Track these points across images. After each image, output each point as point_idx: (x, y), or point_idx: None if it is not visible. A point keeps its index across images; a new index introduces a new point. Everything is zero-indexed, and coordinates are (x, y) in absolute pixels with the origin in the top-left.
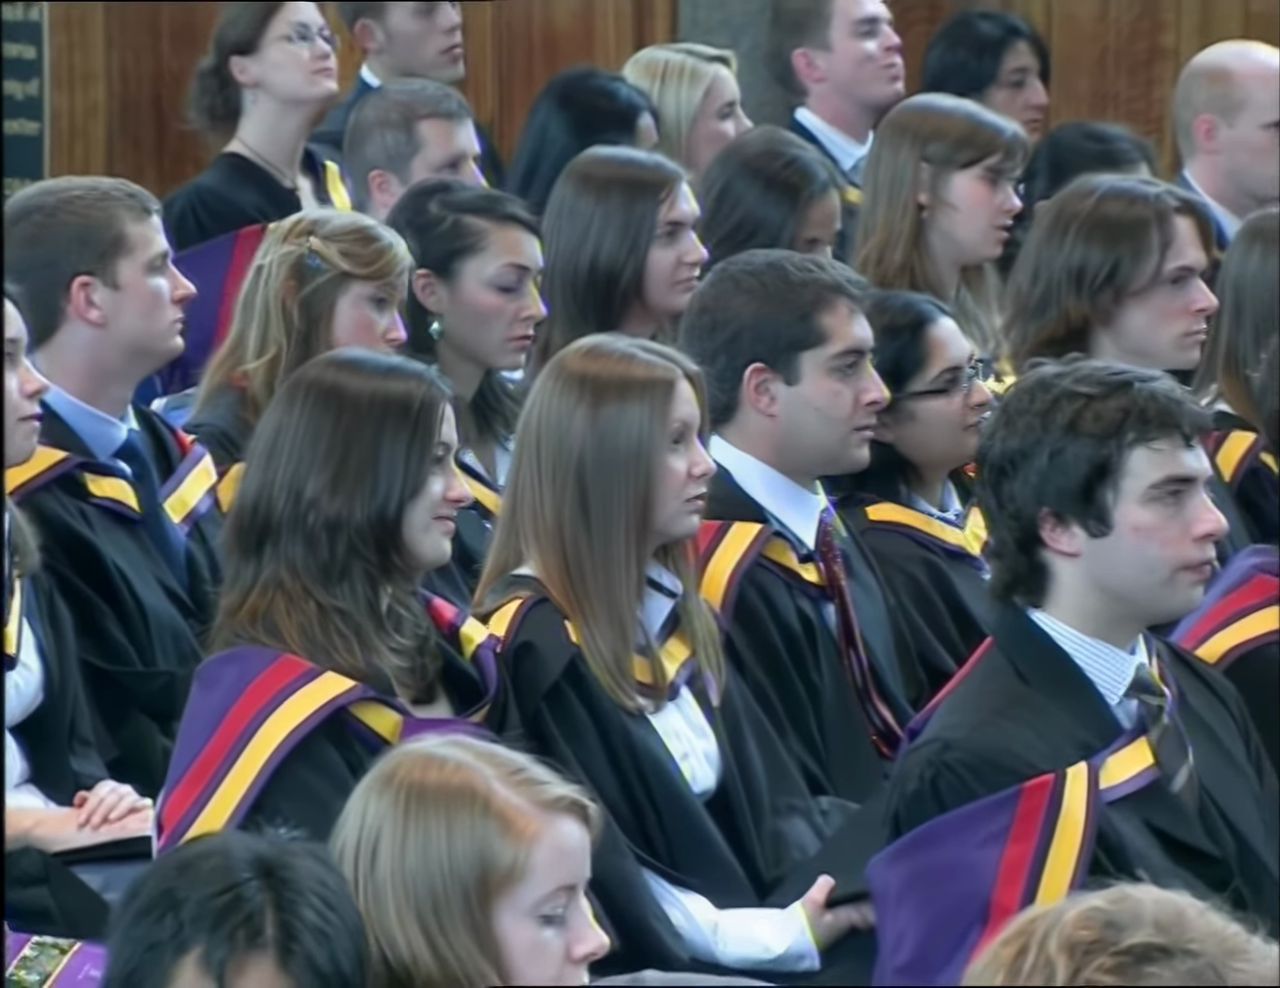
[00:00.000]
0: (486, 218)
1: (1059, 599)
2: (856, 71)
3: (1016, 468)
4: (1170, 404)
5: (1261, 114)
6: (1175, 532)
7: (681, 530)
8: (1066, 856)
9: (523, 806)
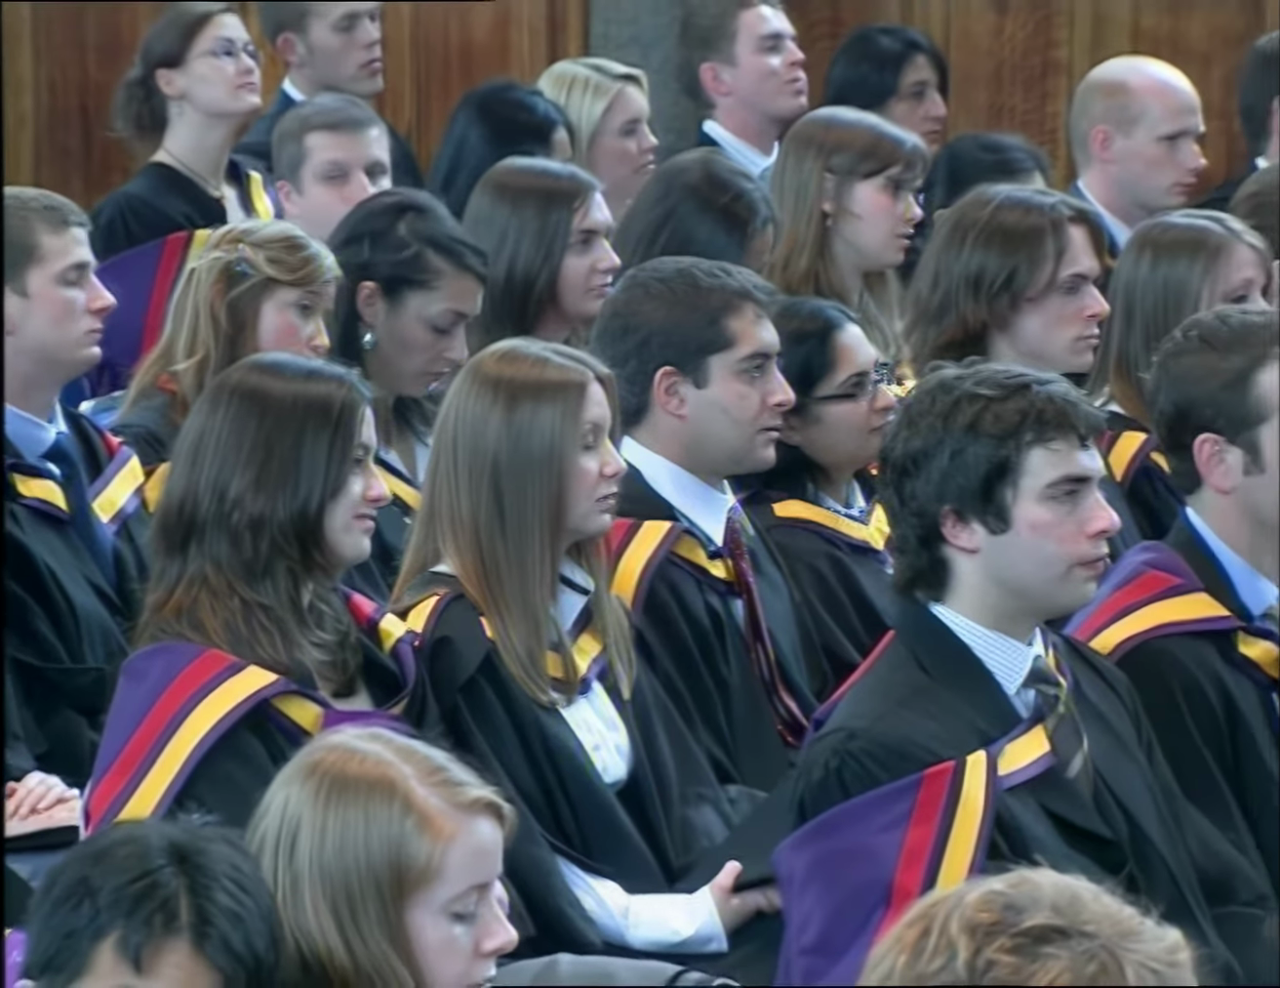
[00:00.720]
0: (448, 260)
1: (959, 593)
2: (761, 85)
3: (919, 467)
4: (1066, 406)
5: (1156, 126)
6: (1071, 529)
7: (593, 529)
8: (966, 840)
9: (440, 806)
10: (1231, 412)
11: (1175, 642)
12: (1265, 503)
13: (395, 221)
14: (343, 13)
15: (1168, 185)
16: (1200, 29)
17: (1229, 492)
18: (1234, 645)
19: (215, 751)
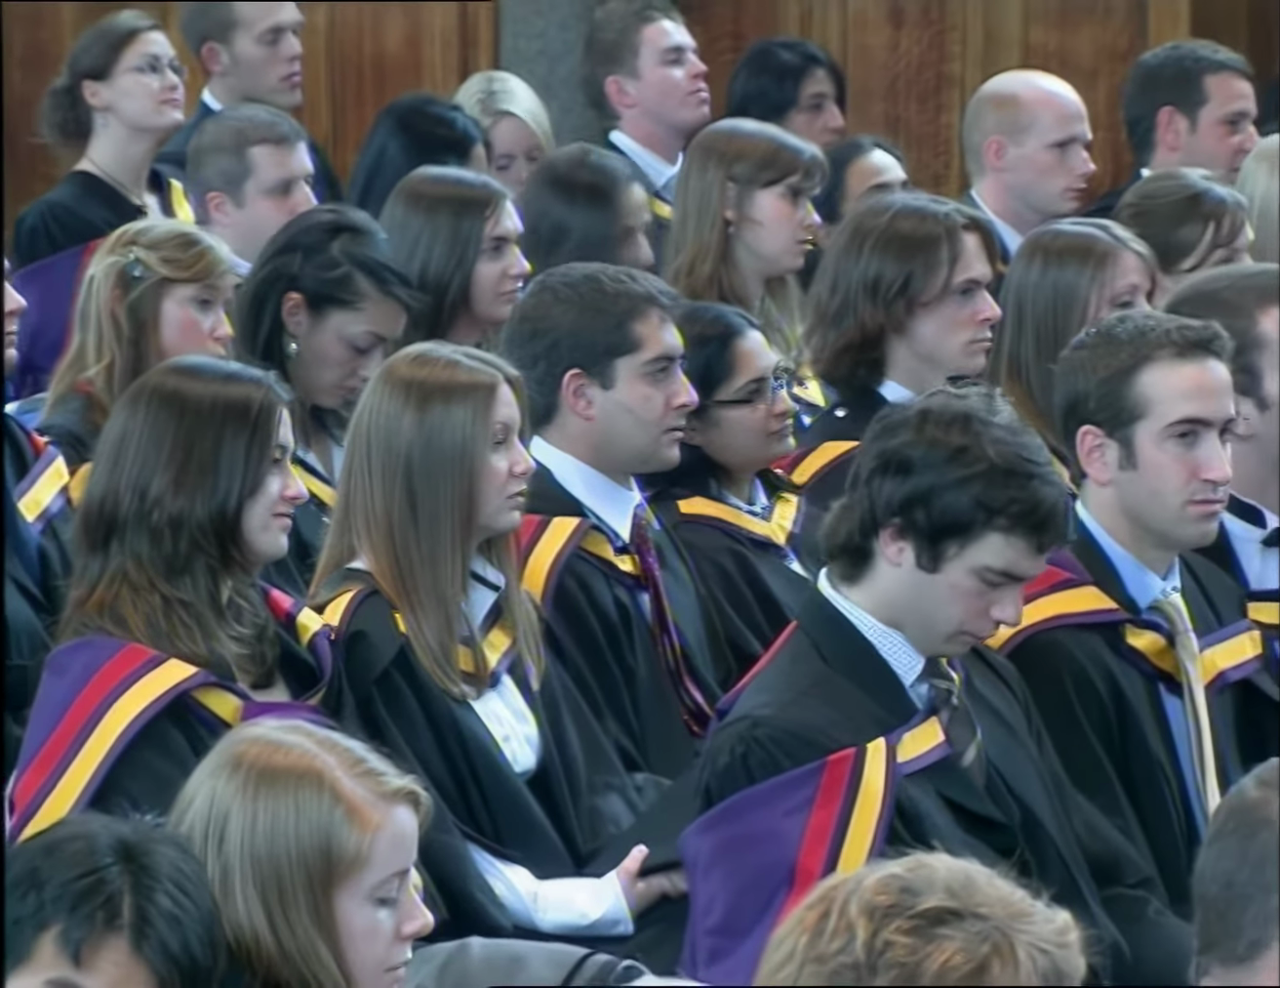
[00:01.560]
0: (374, 285)
1: (870, 588)
2: (665, 97)
3: (900, 473)
4: (1050, 517)
5: (1046, 135)
6: (978, 607)
7: (503, 525)
8: (866, 824)
9: (366, 795)
10: (1112, 406)
11: (1065, 633)
12: (1136, 500)
13: (330, 240)
14: (267, 26)
15: (1059, 191)
16: (1087, 45)
17: (1106, 484)
18: (1122, 637)
19: (137, 742)
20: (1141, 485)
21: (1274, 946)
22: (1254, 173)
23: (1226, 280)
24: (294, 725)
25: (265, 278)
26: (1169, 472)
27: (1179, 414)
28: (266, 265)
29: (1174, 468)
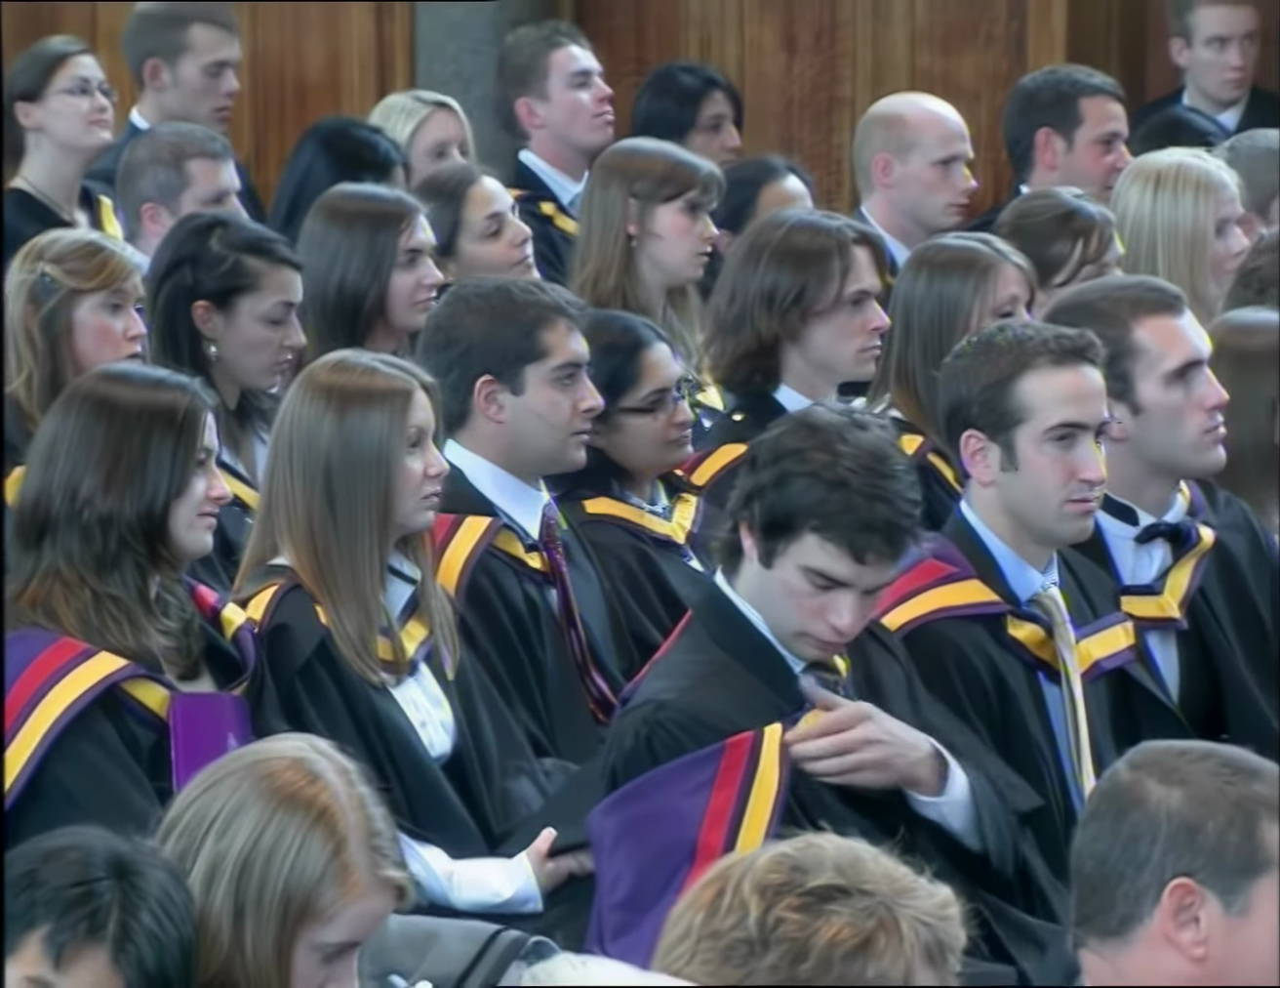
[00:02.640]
0: (263, 259)
1: (743, 580)
2: (572, 118)
3: (750, 469)
4: (862, 529)
5: (930, 153)
6: (812, 607)
7: (419, 524)
8: (764, 803)
9: (362, 866)
10: (993, 411)
11: (950, 625)
12: (1017, 500)
13: (206, 240)
14: (214, 59)
15: (943, 206)
16: (970, 69)
17: (989, 485)
18: (1004, 628)
19: (69, 732)
20: (1022, 486)
21: (1145, 920)
22: (1127, 191)
23: (1103, 291)
24: (343, 767)
25: (167, 299)
26: (1048, 473)
27: (1057, 419)
28: (163, 287)
29: (1052, 469)
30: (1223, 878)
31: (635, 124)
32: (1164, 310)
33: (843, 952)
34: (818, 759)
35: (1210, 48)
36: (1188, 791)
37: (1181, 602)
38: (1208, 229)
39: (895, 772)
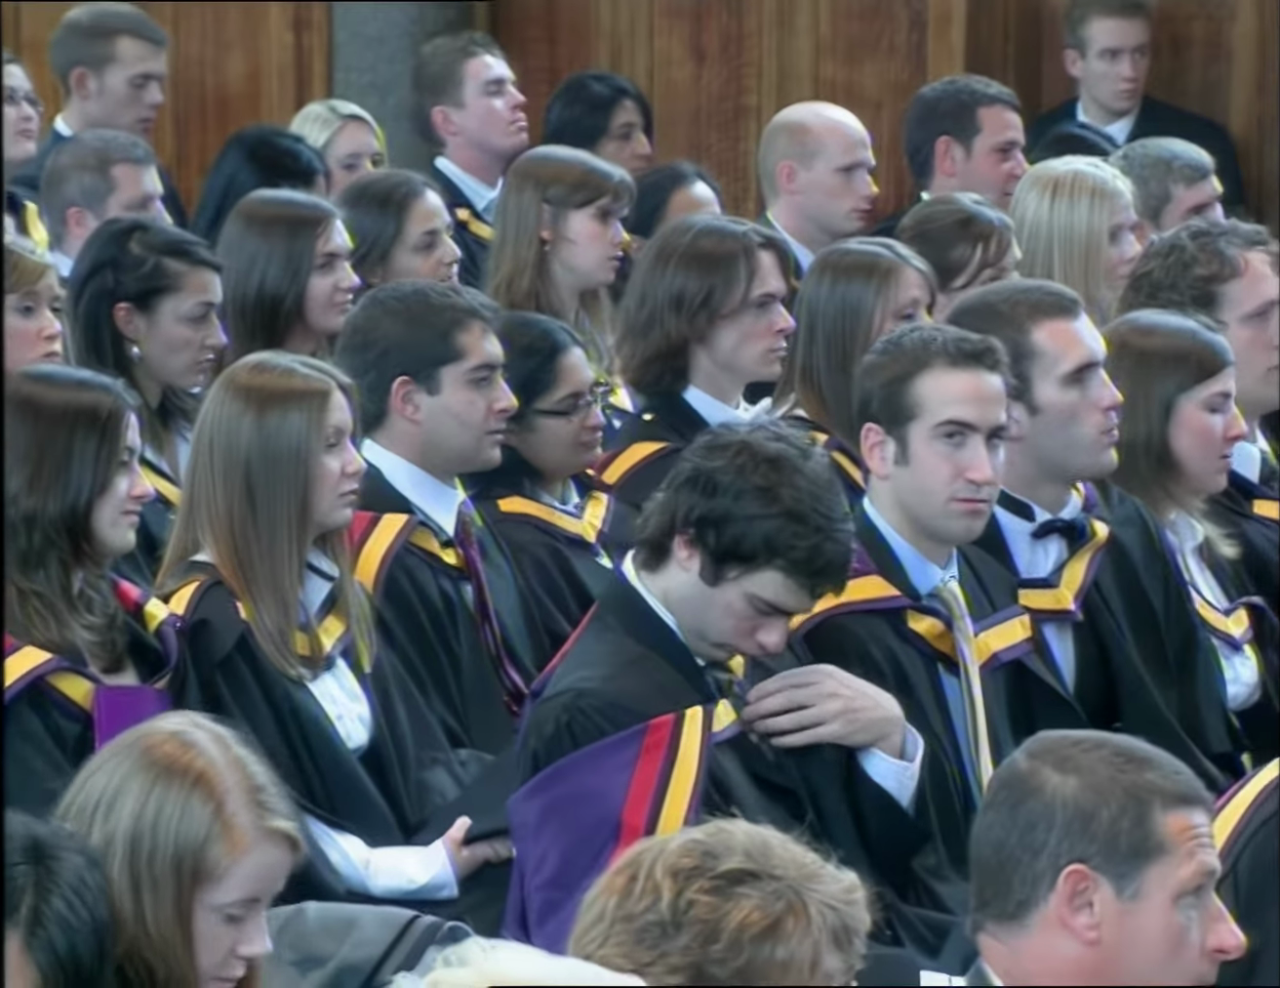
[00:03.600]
0: (183, 261)
1: (662, 579)
2: (487, 126)
3: (707, 493)
4: (825, 569)
5: (833, 160)
6: (746, 628)
7: (337, 522)
8: (685, 783)
9: (246, 823)
10: (891, 406)
11: (852, 619)
12: (908, 493)
13: (126, 243)
14: (141, 71)
15: (845, 212)
16: (872, 79)
17: (884, 479)
18: (904, 622)
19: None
20: (912, 480)
21: (1040, 904)
22: (1025, 197)
23: (1002, 294)
24: (218, 734)
25: (89, 301)
26: (935, 469)
27: (946, 416)
28: (84, 290)
29: (940, 466)
30: (1116, 864)
31: (547, 132)
32: (1061, 314)
33: (752, 934)
34: (777, 718)
35: (1103, 60)
36: (1082, 779)
37: (1077, 595)
38: (1102, 235)
39: (861, 725)
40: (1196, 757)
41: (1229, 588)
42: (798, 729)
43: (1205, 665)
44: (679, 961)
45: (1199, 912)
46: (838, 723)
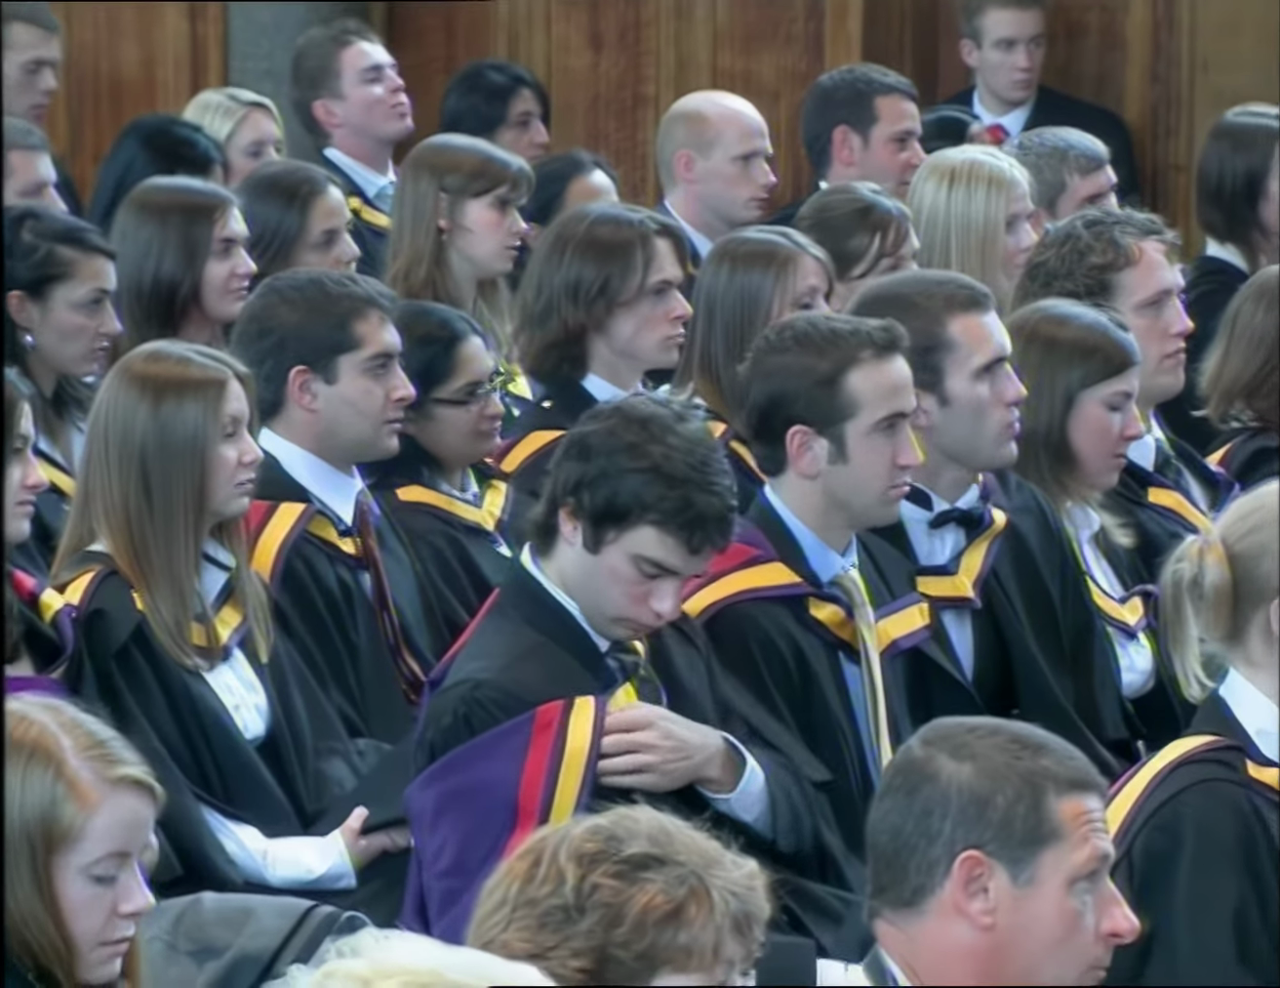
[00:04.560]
0: (76, 248)
1: (555, 561)
2: (369, 114)
3: (581, 458)
4: (699, 522)
5: (731, 148)
6: (637, 594)
7: (233, 511)
8: (575, 768)
9: (90, 777)
10: (822, 407)
11: (754, 606)
12: (846, 489)
13: (18, 231)
14: (34, 57)
15: (744, 200)
16: (770, 69)
17: (814, 478)
18: (805, 609)
19: None
20: (851, 476)
21: (936, 890)
22: (922, 186)
23: (916, 285)
24: (49, 704)
25: None
26: (875, 463)
27: (885, 411)
28: None
29: (880, 459)
30: (1010, 850)
31: (445, 120)
32: (975, 308)
33: (656, 918)
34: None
35: (999, 50)
36: (977, 765)
37: (975, 582)
38: (999, 224)
39: (678, 777)
40: (1092, 743)
41: (1124, 576)
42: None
43: (1101, 653)
44: (582, 945)
45: (1093, 897)
46: (656, 775)
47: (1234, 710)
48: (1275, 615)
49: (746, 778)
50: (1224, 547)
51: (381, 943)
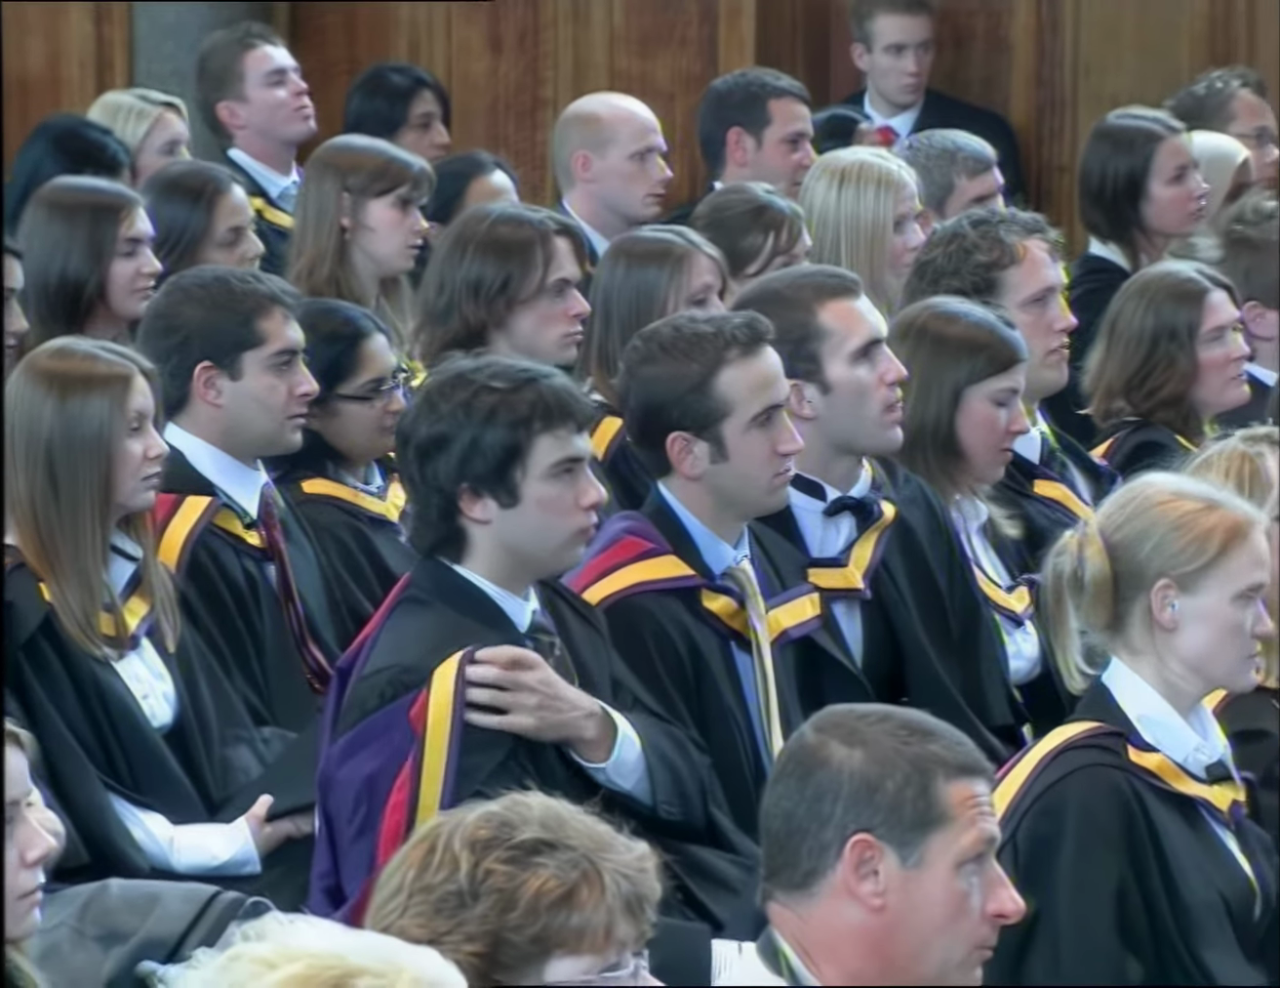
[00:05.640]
0: None
1: (475, 556)
2: (272, 116)
3: (440, 450)
4: (568, 398)
5: (626, 146)
6: (567, 503)
7: (140, 504)
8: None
9: None
10: (697, 412)
11: (648, 598)
12: (731, 486)
13: None
14: None
15: (640, 197)
16: (665, 71)
17: (698, 478)
18: (698, 601)
19: None
20: (734, 472)
21: (828, 873)
22: (814, 186)
23: (785, 280)
24: None
25: None
26: (756, 456)
27: (758, 406)
28: None
29: (759, 452)
30: (900, 833)
31: (347, 122)
32: (843, 294)
33: (548, 902)
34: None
35: (888, 54)
36: (868, 751)
37: (865, 573)
38: (887, 223)
39: (549, 726)
40: (979, 729)
41: (1011, 566)
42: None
43: (988, 641)
44: (476, 929)
45: (980, 878)
46: (531, 718)
47: (1116, 698)
48: (1156, 601)
49: (619, 745)
50: (1102, 539)
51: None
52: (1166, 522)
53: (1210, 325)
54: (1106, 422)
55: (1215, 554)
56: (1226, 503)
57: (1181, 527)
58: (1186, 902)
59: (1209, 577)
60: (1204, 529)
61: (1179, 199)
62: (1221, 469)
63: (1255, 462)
